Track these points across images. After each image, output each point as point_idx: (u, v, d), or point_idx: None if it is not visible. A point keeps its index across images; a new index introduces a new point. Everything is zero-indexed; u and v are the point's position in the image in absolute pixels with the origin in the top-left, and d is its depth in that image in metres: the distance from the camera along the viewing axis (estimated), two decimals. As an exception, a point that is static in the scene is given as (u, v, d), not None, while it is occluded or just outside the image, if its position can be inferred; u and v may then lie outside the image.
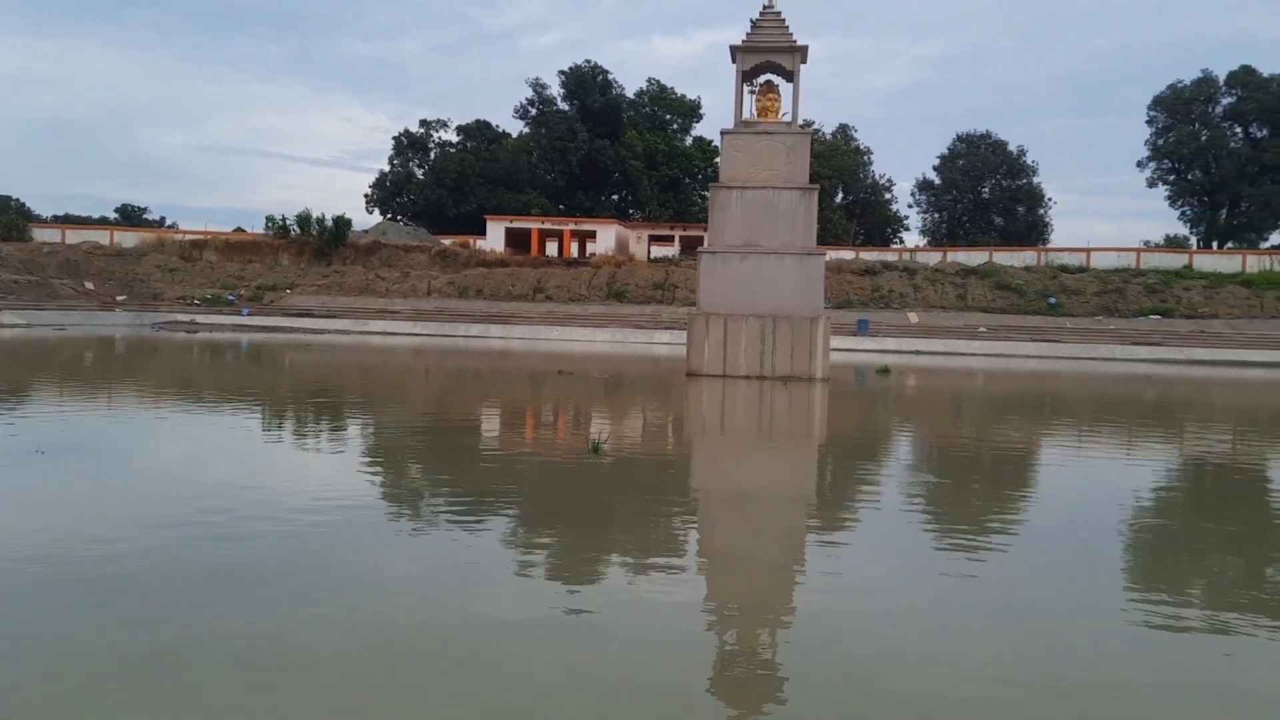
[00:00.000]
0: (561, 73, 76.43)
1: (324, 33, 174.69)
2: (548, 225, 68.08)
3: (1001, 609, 5.54)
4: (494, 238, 65.61)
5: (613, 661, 4.50)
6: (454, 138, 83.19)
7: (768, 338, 23.26)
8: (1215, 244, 71.46)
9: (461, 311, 52.50)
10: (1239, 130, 71.55)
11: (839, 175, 75.41)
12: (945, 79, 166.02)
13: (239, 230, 71.24)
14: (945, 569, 6.42)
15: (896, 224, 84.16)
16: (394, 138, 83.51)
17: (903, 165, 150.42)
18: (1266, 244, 70.50)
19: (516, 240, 66.41)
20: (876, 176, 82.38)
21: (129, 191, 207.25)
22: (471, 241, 65.89)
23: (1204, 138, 70.85)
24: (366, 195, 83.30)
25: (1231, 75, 70.68)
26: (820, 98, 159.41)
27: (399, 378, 23.82)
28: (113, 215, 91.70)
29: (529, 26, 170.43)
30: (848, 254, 62.23)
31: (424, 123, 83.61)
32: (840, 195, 78.13)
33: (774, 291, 23.53)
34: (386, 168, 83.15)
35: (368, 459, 10.72)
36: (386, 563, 6.05)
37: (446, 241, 66.04)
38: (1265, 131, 69.79)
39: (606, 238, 64.99)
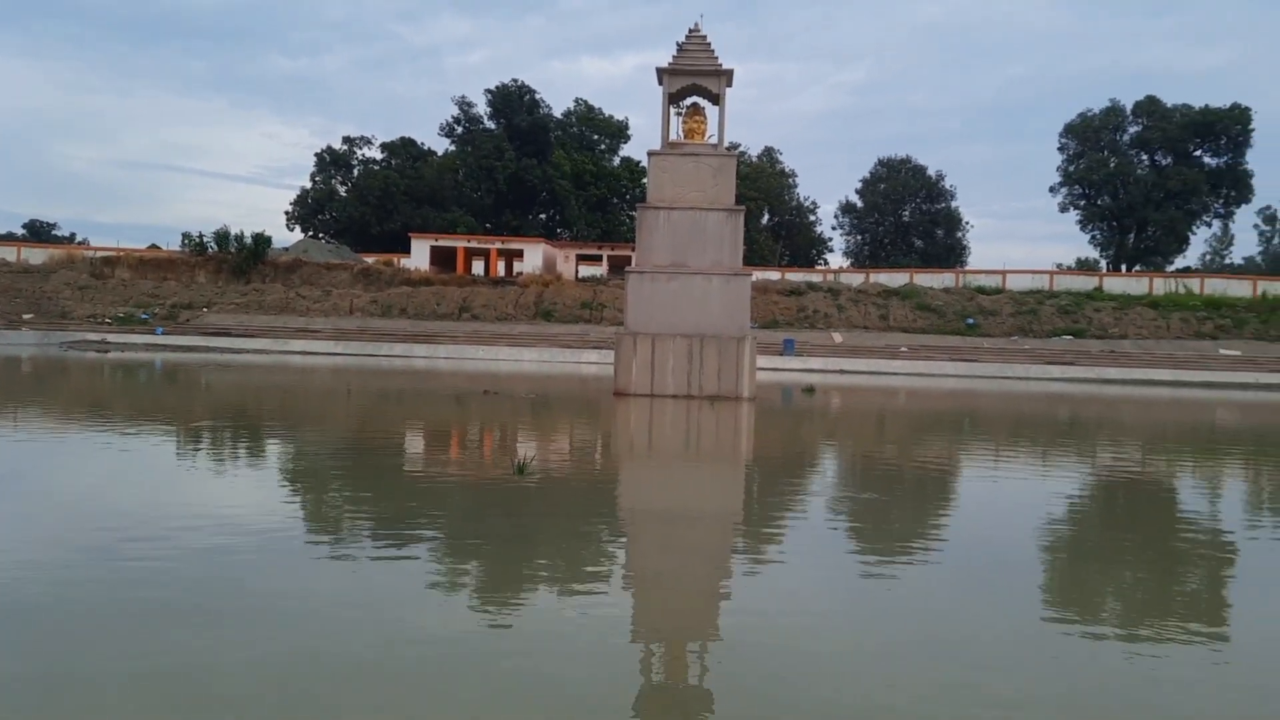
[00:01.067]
0: (488, 91, 76.31)
1: (244, 47, 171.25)
2: (474, 244, 67.56)
3: (921, 623, 5.56)
4: (419, 256, 64.83)
5: (537, 680, 4.40)
6: (378, 155, 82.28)
7: (695, 357, 23.34)
8: (1124, 267, 74.27)
9: (385, 331, 51.67)
10: (1145, 158, 74.70)
11: (765, 197, 76.49)
12: (867, 104, 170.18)
13: (153, 247, 69.16)
14: (868, 584, 6.47)
15: (821, 245, 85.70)
16: (316, 154, 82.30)
17: (827, 188, 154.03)
18: (1172, 267, 73.57)
19: (442, 259, 65.73)
20: (801, 199, 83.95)
21: (37, 207, 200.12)
22: (396, 260, 65.03)
23: (1112, 164, 73.75)
24: (287, 212, 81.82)
25: (1138, 105, 73.87)
26: (746, 121, 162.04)
27: (320, 398, 23.27)
28: (20, 231, 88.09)
29: (455, 44, 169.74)
30: (774, 275, 63.08)
31: (347, 139, 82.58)
32: (766, 217, 79.23)
33: (701, 311, 23.65)
34: (308, 185, 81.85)
35: (286, 482, 10.38)
36: (304, 587, 5.83)
37: (370, 260, 65.08)
38: (1169, 159, 72.97)
39: (534, 257, 64.73)
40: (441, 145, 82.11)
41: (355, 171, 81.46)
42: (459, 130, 79.17)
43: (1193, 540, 8.75)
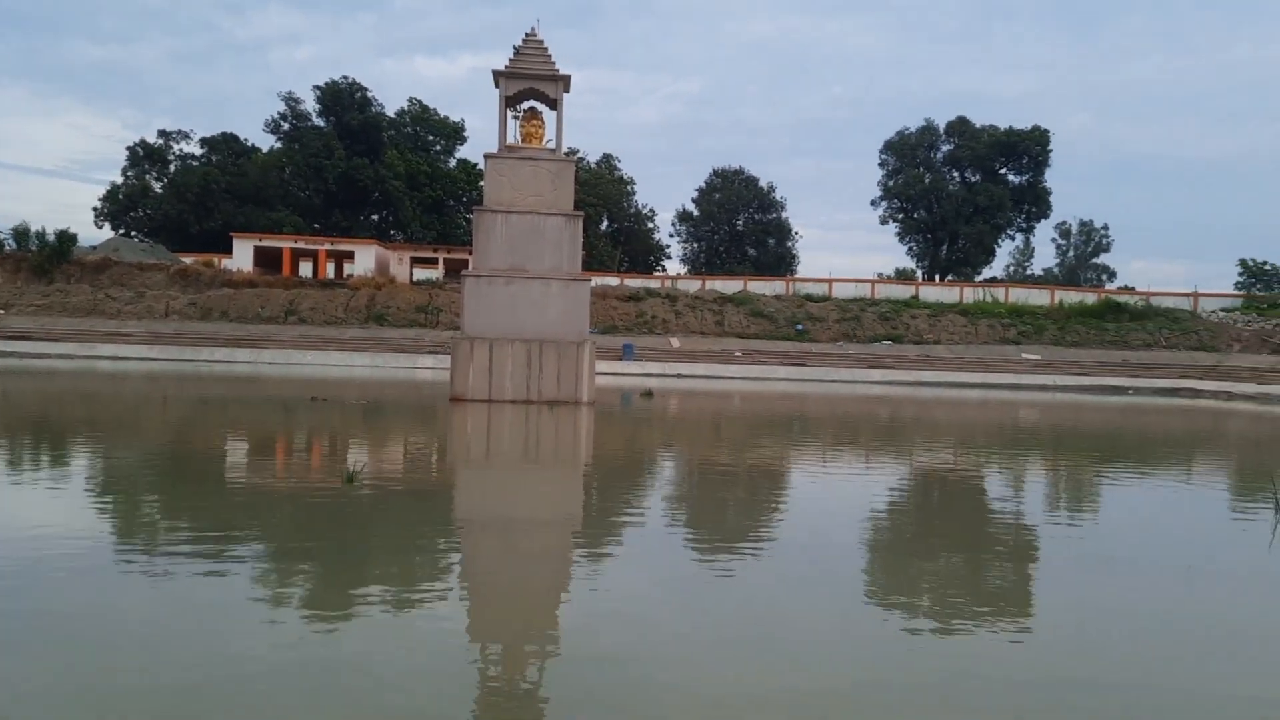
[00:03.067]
0: (317, 88, 73.47)
1: (47, 32, 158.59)
2: (301, 244, 64.88)
3: (752, 619, 5.71)
4: (241, 257, 61.72)
5: (372, 696, 4.25)
6: (197, 150, 77.90)
7: (534, 362, 23.20)
8: (938, 277, 78.94)
9: (205, 335, 48.88)
10: (956, 175, 79.68)
11: (603, 203, 77.00)
12: (702, 116, 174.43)
13: (-61, 243, 62.92)
14: (703, 585, 6.58)
15: (659, 252, 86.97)
16: (129, 148, 77.20)
17: (664, 196, 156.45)
18: (980, 277, 78.74)
19: (267, 260, 62.81)
20: (640, 206, 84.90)
21: None
22: (217, 260, 61.69)
23: (927, 180, 78.31)
24: (96, 209, 76.19)
25: (950, 125, 78.77)
26: (584, 127, 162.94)
27: (132, 406, 21.71)
28: None
29: (282, 39, 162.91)
30: (613, 281, 63.58)
31: (163, 133, 77.90)
32: (605, 223, 79.77)
33: (540, 316, 23.54)
34: (120, 180, 76.46)
35: (94, 496, 9.60)
36: (116, 609, 5.43)
37: (188, 260, 61.44)
38: (978, 176, 78.16)
39: (365, 259, 62.76)
40: (267, 142, 78.65)
41: (172, 167, 76.77)
42: (285, 127, 75.85)
43: (998, 532, 9.37)
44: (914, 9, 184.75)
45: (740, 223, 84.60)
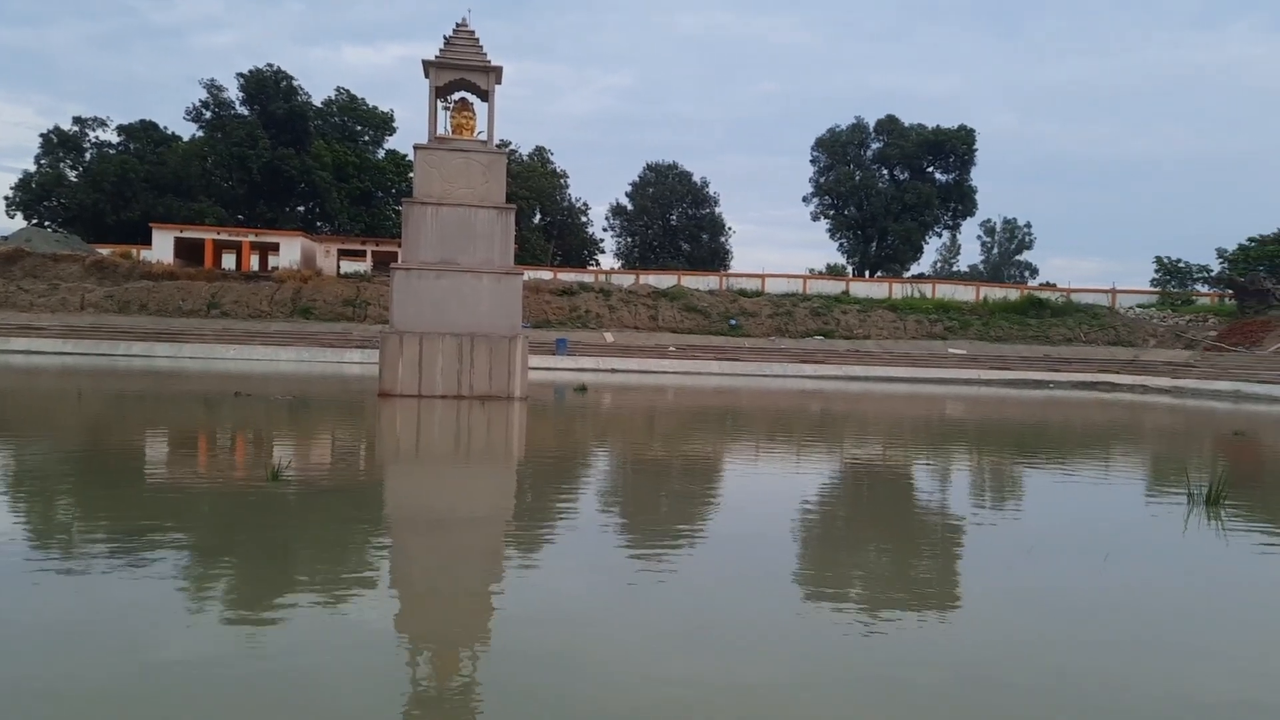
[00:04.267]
0: (240, 76, 71.38)
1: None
2: (224, 236, 63.13)
3: (685, 613, 5.69)
4: (161, 248, 59.84)
5: (298, 697, 4.14)
6: (114, 138, 75.21)
7: (465, 357, 22.93)
8: (868, 273, 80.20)
9: (122, 328, 47.34)
10: (885, 172, 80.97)
11: (536, 197, 76.50)
12: (635, 110, 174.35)
13: None
14: (636, 577, 6.56)
15: (593, 246, 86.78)
16: (43, 135, 74.20)
17: (598, 190, 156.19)
18: (909, 273, 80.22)
19: (188, 251, 61.03)
20: (573, 199, 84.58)
21: None
22: (135, 252, 59.68)
23: (857, 178, 79.44)
24: (8, 198, 73.12)
25: (879, 123, 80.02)
26: (516, 119, 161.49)
27: (45, 401, 20.89)
28: None
29: (202, 24, 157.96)
30: (546, 274, 63.24)
31: (79, 120, 74.89)
32: (538, 216, 79.30)
33: (471, 310, 23.27)
34: (32, 168, 73.53)
35: (3, 495, 9.18)
36: (27, 612, 5.18)
37: (105, 251, 59.36)
38: (906, 175, 79.56)
39: (291, 251, 61.35)
40: (188, 130, 76.21)
41: (88, 155, 74.04)
42: (207, 116, 73.54)
43: (927, 525, 9.53)
44: (841, 7, 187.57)
45: (674, 217, 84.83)
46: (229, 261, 62.68)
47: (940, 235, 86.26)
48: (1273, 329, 52.69)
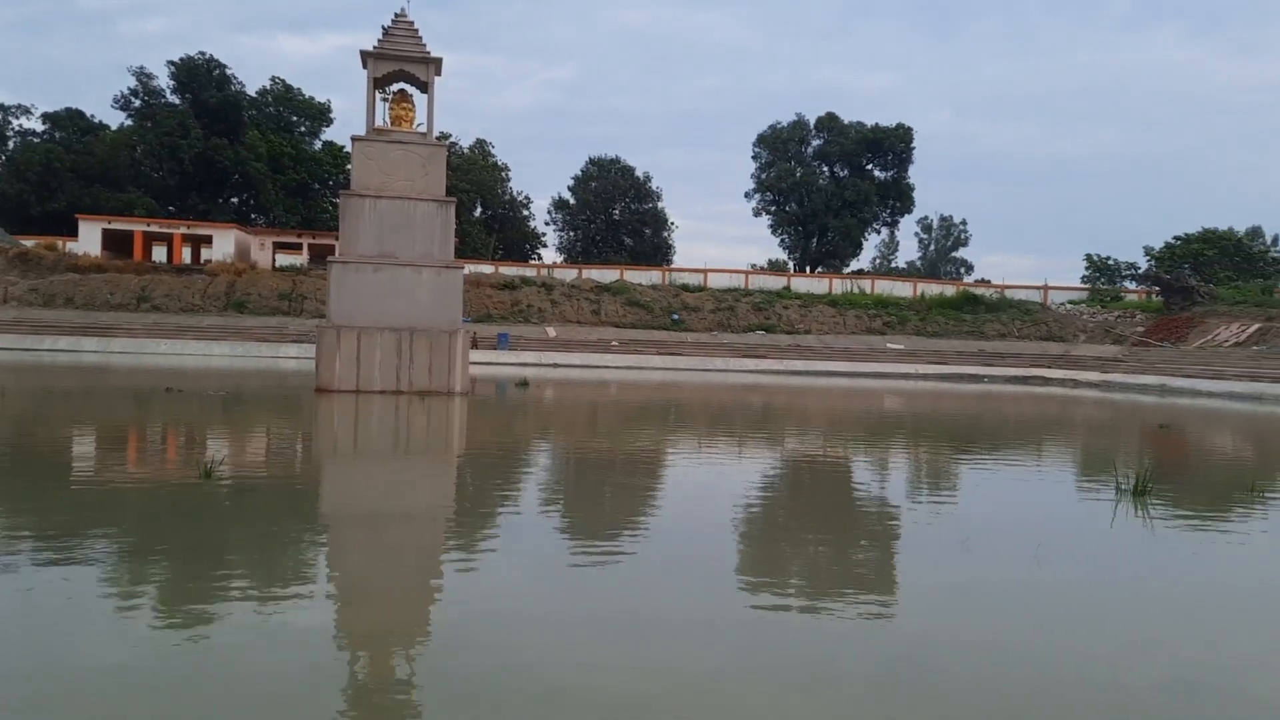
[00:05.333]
0: (171, 63, 69.43)
1: None
2: (154, 228, 61.53)
3: (625, 606, 5.69)
4: (89, 240, 58.09)
5: (232, 699, 4.02)
6: (39, 126, 72.85)
7: (404, 351, 22.64)
8: (808, 268, 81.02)
9: (47, 322, 45.89)
10: (826, 169, 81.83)
11: (477, 190, 75.84)
12: (576, 104, 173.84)
13: None
14: (576, 572, 6.54)
15: (535, 240, 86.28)
16: (-39, 122, 71.49)
17: (540, 183, 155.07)
18: (848, 269, 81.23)
19: (116, 243, 59.35)
20: (515, 193, 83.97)
21: None
22: (61, 244, 57.86)
23: (798, 174, 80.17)
24: (-76, 187, 70.36)
25: (819, 120, 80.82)
26: (456, 111, 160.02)
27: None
28: None
29: (130, 10, 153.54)
30: (487, 268, 62.74)
31: (1, 107, 72.29)
32: (479, 210, 78.60)
33: (411, 304, 22.98)
34: (-50, 155, 70.89)
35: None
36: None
37: (29, 243, 57.41)
38: (846, 171, 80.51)
39: (224, 243, 60.01)
40: (116, 119, 74.08)
41: (11, 144, 71.60)
42: (137, 104, 71.45)
43: (864, 516, 9.67)
44: (780, 3, 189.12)
45: (617, 212, 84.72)
46: (160, 254, 61.08)
47: (879, 232, 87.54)
48: (1197, 325, 54.47)
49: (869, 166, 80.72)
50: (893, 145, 79.11)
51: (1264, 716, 4.45)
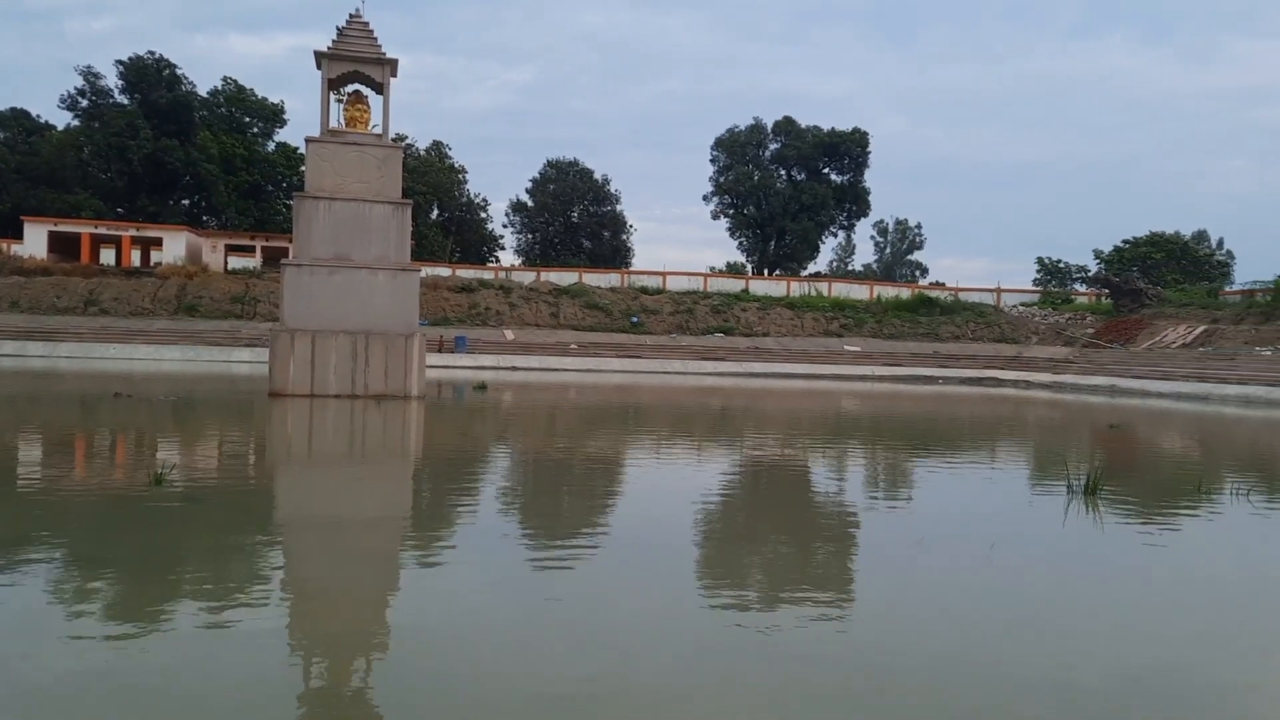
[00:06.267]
0: (120, 63, 68.06)
1: None
2: (102, 230, 60.31)
3: (583, 610, 5.67)
4: (34, 242, 56.84)
5: (185, 706, 3.95)
6: (-18, 125, 70.95)
7: (360, 355, 22.40)
8: (766, 271, 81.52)
9: (-9, 327, 44.75)
10: (783, 173, 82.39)
11: (434, 192, 75.27)
12: (534, 106, 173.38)
13: None
14: (534, 576, 6.50)
15: (493, 243, 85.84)
16: (-98, 121, 69.47)
17: (497, 186, 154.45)
18: (806, 272, 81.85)
19: (63, 246, 58.09)
20: (472, 195, 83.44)
21: None
22: (5, 246, 56.55)
23: (756, 178, 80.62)
24: None
25: (777, 124, 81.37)
26: (412, 113, 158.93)
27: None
28: None
29: (77, 9, 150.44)
30: (444, 271, 62.30)
31: (-58, 106, 70.41)
32: (436, 212, 78.02)
33: (366, 307, 22.75)
34: (-109, 155, 68.79)
35: None
36: None
37: (-29, 245, 56.08)
38: (803, 175, 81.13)
39: (175, 246, 58.99)
40: (63, 119, 72.52)
41: (-48, 144, 69.74)
42: (84, 104, 69.90)
43: (821, 517, 9.73)
44: (738, 8, 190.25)
45: (575, 215, 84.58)
46: (108, 257, 59.86)
47: (836, 235, 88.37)
48: (1145, 327, 55.66)
49: (826, 170, 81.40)
50: (849, 149, 79.85)
51: (1210, 708, 4.55)
